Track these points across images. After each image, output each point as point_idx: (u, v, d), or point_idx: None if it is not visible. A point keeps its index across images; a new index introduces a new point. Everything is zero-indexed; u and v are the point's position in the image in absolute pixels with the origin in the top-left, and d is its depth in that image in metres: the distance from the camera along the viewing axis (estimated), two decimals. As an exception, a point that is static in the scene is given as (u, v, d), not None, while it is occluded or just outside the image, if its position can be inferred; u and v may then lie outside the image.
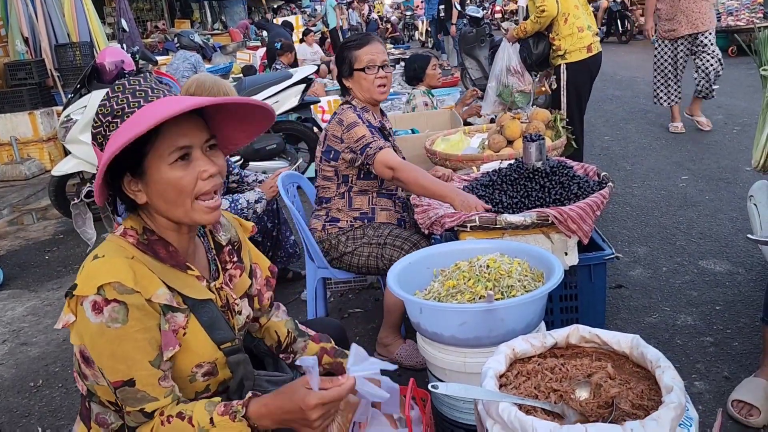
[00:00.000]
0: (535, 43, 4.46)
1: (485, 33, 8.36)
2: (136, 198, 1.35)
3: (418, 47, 18.45)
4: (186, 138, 1.31)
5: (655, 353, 1.42)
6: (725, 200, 4.29)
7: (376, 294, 3.44)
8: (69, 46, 7.75)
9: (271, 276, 1.69)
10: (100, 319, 1.25)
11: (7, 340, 3.48)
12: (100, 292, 1.25)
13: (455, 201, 2.34)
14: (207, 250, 1.54)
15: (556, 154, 3.11)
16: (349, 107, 2.71)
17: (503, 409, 1.30)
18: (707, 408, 2.22)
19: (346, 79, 2.76)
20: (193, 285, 1.41)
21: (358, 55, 2.69)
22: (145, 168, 1.31)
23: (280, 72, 6.66)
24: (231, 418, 1.30)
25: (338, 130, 2.65)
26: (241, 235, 1.65)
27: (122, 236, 1.38)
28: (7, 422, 2.69)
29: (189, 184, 1.32)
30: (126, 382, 1.28)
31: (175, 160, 1.30)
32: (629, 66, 10.73)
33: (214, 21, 20.86)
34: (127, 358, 1.27)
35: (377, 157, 2.54)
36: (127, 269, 1.28)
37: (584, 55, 4.34)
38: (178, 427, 1.29)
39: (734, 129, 6.16)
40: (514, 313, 1.76)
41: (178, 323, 1.36)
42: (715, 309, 2.91)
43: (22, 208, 6.33)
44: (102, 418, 1.41)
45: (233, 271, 1.56)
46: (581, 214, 2.16)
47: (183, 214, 1.35)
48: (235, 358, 1.46)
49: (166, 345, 1.32)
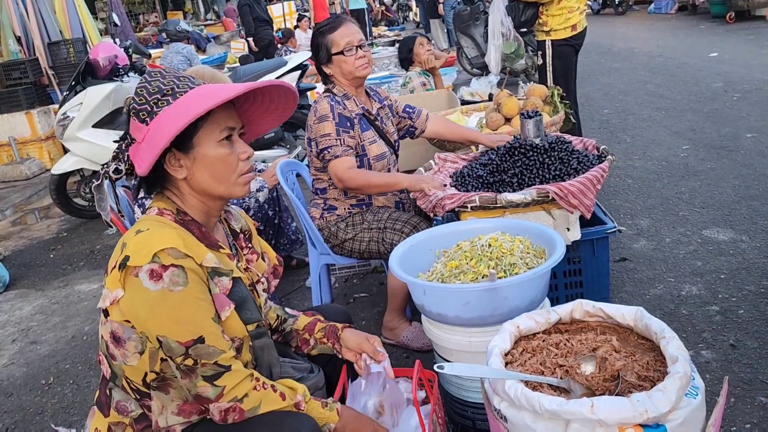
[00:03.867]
0: (524, 10, 4.44)
1: (479, 11, 8.29)
2: (175, 173, 1.44)
3: (413, 28, 18.30)
4: (231, 120, 1.45)
5: (660, 324, 1.42)
6: (727, 168, 4.26)
7: (381, 278, 3.45)
8: (62, 44, 7.71)
9: (279, 265, 1.77)
10: (161, 285, 1.31)
11: (17, 339, 3.50)
12: (155, 260, 1.31)
13: (411, 184, 2.46)
14: (226, 234, 1.62)
15: (554, 130, 3.09)
16: (327, 96, 2.65)
17: (510, 387, 1.31)
18: (714, 377, 2.22)
19: (326, 65, 2.68)
20: (226, 262, 1.49)
21: (334, 39, 2.62)
22: (194, 143, 1.41)
23: (275, 60, 6.63)
24: (322, 404, 1.47)
25: (312, 119, 2.63)
26: (250, 226, 1.73)
27: (159, 215, 1.45)
28: (21, 420, 2.72)
29: (234, 161, 1.45)
30: (197, 340, 1.34)
31: (222, 139, 1.43)
32: (626, 38, 10.65)
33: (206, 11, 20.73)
34: (191, 318, 1.34)
35: (330, 165, 2.56)
36: (177, 237, 1.36)
37: (568, 34, 4.34)
38: (269, 395, 1.41)
39: (734, 96, 6.11)
40: (517, 290, 1.76)
41: (225, 286, 1.44)
42: (720, 278, 2.91)
43: (24, 207, 6.34)
44: (122, 406, 1.44)
45: (250, 256, 1.66)
46: (582, 188, 2.16)
47: (225, 189, 1.46)
48: (260, 343, 1.53)
49: (221, 306, 1.41)
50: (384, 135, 2.77)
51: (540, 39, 4.43)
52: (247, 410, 1.39)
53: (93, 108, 5.02)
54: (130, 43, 6.41)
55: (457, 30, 8.64)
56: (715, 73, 7.01)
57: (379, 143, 2.71)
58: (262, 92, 1.52)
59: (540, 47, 4.44)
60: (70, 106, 5.11)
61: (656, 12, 14.44)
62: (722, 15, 11.19)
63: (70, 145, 5.11)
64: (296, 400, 1.44)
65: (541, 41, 4.42)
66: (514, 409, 1.31)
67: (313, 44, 2.71)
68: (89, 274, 4.33)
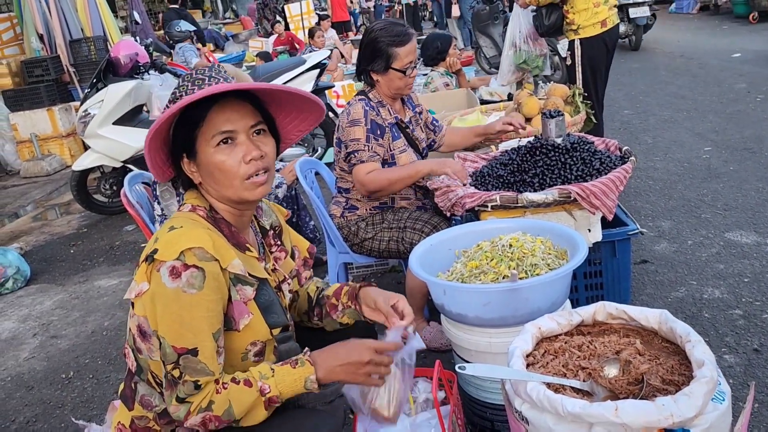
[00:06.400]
0: (548, 14, 4.36)
1: (498, 10, 8.24)
2: (192, 177, 1.46)
3: (430, 27, 18.25)
4: (229, 123, 1.39)
5: (685, 328, 1.40)
6: (750, 170, 4.20)
7: (398, 277, 3.44)
8: (83, 41, 7.79)
9: (309, 257, 1.75)
10: (177, 284, 1.30)
11: (38, 333, 3.55)
12: (180, 258, 1.30)
13: (434, 169, 2.45)
14: (255, 233, 1.60)
15: (575, 130, 3.07)
16: (361, 100, 2.63)
17: (532, 388, 1.29)
18: (738, 381, 2.19)
19: (376, 73, 2.60)
20: (253, 265, 1.48)
21: (398, 54, 2.53)
22: (197, 149, 1.41)
23: (294, 58, 6.64)
24: (291, 365, 1.37)
25: (344, 121, 2.61)
26: (281, 220, 1.71)
27: (192, 211, 1.45)
28: (41, 413, 2.75)
29: (232, 166, 1.40)
30: (190, 351, 1.31)
31: (218, 144, 1.40)
32: (647, 38, 10.52)
33: (225, 10, 20.84)
34: (194, 326, 1.31)
35: (354, 170, 2.55)
36: (208, 238, 1.35)
37: (598, 30, 4.22)
38: (233, 391, 1.33)
39: (758, 97, 6.02)
40: (539, 291, 1.74)
41: (247, 295, 1.42)
42: (743, 281, 2.86)
43: (45, 203, 6.41)
44: (147, 400, 1.44)
45: (278, 254, 1.64)
46: (604, 189, 2.13)
47: (233, 193, 1.43)
48: (286, 347, 1.50)
49: (240, 314, 1.39)
50: (414, 143, 2.77)
51: (570, 38, 4.35)
52: (222, 414, 1.32)
53: (114, 105, 5.06)
54: (151, 41, 6.45)
55: (475, 29, 8.59)
56: (738, 74, 6.90)
57: (409, 152, 2.70)
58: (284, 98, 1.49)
59: (570, 47, 4.37)
60: (91, 103, 5.16)
61: (677, 12, 14.27)
62: (745, 15, 11.03)
63: (91, 141, 5.16)
64: (259, 386, 1.34)
65: (571, 41, 4.35)
66: (536, 411, 1.29)
67: (369, 46, 2.59)
68: (109, 269, 4.37)
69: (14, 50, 8.35)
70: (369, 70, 2.63)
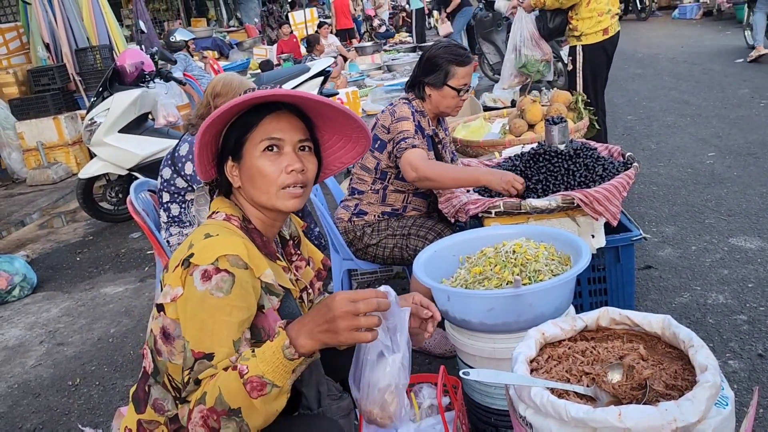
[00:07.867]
0: (552, 17, 4.40)
1: (501, 17, 8.26)
2: (232, 180, 1.48)
3: (434, 34, 18.31)
4: (280, 132, 1.44)
5: (688, 333, 1.41)
6: (754, 176, 4.20)
7: (403, 284, 3.45)
8: (89, 50, 7.84)
9: (323, 268, 1.75)
10: (206, 287, 1.30)
11: (44, 341, 3.56)
12: (214, 263, 1.31)
13: (492, 182, 2.32)
14: (276, 243, 1.61)
15: (578, 136, 3.08)
16: (406, 103, 2.65)
17: (536, 394, 1.30)
18: (742, 387, 2.19)
19: (431, 87, 2.63)
20: (281, 275, 1.49)
21: (458, 73, 2.58)
22: (243, 152, 1.44)
23: (298, 66, 6.67)
24: (271, 339, 1.28)
25: (388, 120, 2.61)
26: (299, 230, 1.73)
27: (226, 220, 1.47)
28: (48, 420, 2.76)
29: (273, 173, 1.43)
30: (206, 356, 1.30)
31: (265, 149, 1.43)
32: (650, 44, 10.55)
33: (229, 18, 20.94)
34: (214, 331, 1.30)
35: (405, 154, 2.49)
36: (243, 247, 1.36)
37: (600, 38, 4.26)
38: (221, 378, 1.27)
39: (761, 103, 6.03)
40: (543, 297, 1.75)
41: (273, 305, 1.42)
42: (747, 286, 2.86)
43: (51, 211, 6.45)
44: (159, 404, 1.44)
45: (299, 263, 1.66)
46: (607, 195, 2.14)
47: (266, 200, 1.45)
48: None
49: (274, 321, 1.39)
50: (442, 160, 2.78)
51: (572, 45, 4.39)
52: (215, 404, 1.25)
53: (120, 113, 5.10)
54: (156, 50, 6.49)
55: (478, 36, 8.63)
56: (741, 79, 6.91)
57: None
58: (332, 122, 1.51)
59: (571, 53, 4.40)
60: (97, 111, 5.20)
61: (680, 18, 14.29)
62: (748, 20, 11.03)
63: (97, 149, 5.20)
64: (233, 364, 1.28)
65: (572, 47, 4.38)
66: (540, 416, 1.30)
67: (429, 60, 2.62)
68: (114, 277, 4.40)
69: (21, 59, 8.41)
70: (425, 83, 2.64)
